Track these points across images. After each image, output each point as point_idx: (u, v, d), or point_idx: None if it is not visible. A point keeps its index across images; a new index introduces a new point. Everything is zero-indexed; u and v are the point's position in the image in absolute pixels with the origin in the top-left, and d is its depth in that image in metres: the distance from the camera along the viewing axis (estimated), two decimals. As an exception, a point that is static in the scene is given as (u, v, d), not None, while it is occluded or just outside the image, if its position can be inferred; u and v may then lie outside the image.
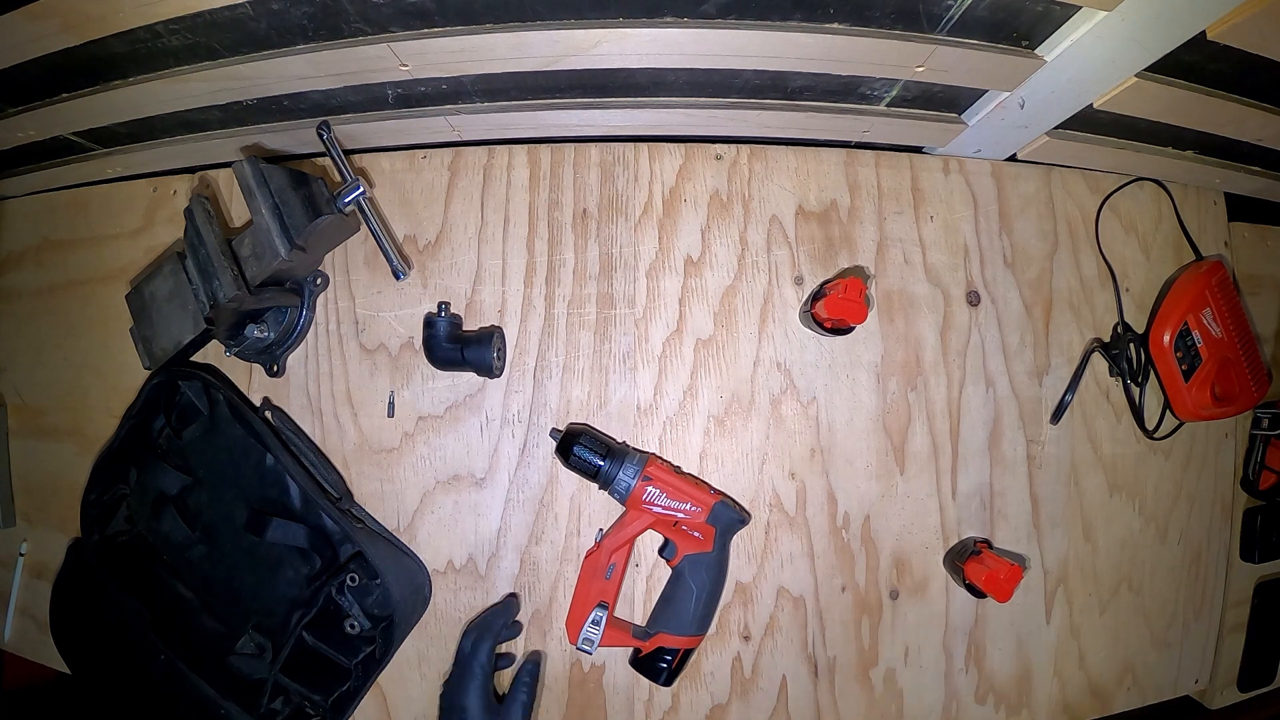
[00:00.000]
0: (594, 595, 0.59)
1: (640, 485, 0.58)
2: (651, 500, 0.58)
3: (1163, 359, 0.67)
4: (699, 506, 0.59)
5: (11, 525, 0.72)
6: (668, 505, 0.58)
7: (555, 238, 0.64)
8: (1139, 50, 0.50)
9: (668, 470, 0.60)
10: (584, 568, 0.61)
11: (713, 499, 0.59)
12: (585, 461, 0.58)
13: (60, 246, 0.72)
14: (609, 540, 0.60)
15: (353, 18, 0.49)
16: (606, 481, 0.58)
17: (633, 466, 0.58)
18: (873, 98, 0.61)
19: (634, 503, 0.59)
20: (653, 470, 0.59)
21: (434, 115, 0.61)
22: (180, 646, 0.59)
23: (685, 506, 0.59)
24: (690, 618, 0.59)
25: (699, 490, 0.60)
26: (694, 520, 0.59)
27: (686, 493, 0.59)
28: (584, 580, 0.60)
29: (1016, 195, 0.69)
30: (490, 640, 0.58)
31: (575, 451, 0.58)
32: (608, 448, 0.59)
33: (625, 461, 0.58)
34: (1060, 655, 0.67)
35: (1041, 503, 0.67)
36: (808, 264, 0.65)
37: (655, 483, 0.58)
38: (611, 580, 0.59)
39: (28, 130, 0.62)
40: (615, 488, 0.58)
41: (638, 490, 0.58)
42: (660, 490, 0.58)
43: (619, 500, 0.59)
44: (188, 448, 0.61)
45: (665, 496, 0.58)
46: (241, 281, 0.55)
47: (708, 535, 0.59)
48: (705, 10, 0.49)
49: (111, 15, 0.47)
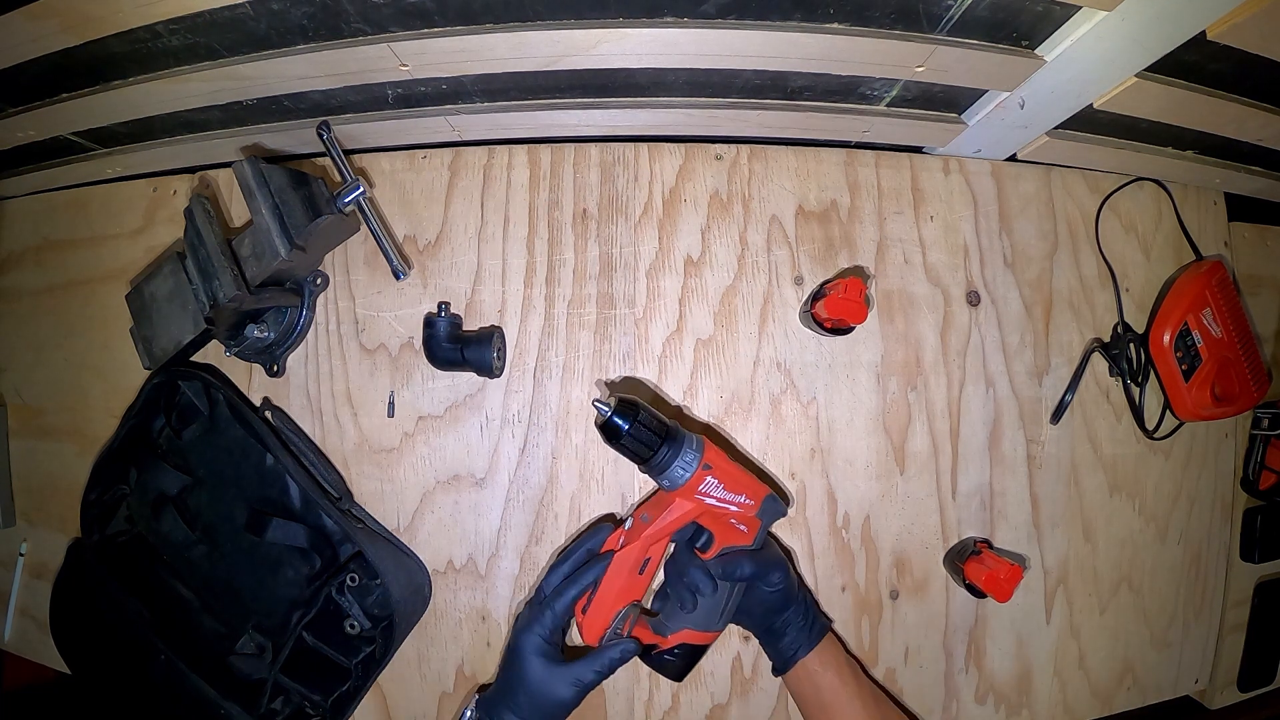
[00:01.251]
0: (624, 593, 0.52)
1: (699, 474, 0.50)
2: (708, 491, 0.51)
3: (1163, 359, 0.67)
4: (753, 500, 0.53)
5: (11, 525, 0.72)
6: (723, 497, 0.51)
7: (555, 238, 0.64)
8: (1139, 50, 0.50)
9: (725, 456, 0.52)
10: (615, 561, 0.53)
11: (764, 490, 0.53)
12: (641, 443, 0.49)
13: (60, 246, 0.72)
14: (651, 531, 0.52)
15: (353, 18, 0.49)
16: (660, 468, 0.50)
17: (692, 452, 0.50)
18: (873, 98, 0.61)
19: (687, 492, 0.51)
20: (713, 457, 0.51)
21: (434, 115, 0.61)
22: (180, 646, 0.59)
23: (740, 499, 0.52)
24: (719, 613, 0.54)
25: (753, 481, 0.53)
26: (744, 514, 0.53)
27: (743, 484, 0.52)
28: (614, 575, 0.52)
29: (1016, 195, 0.69)
30: (576, 590, 0.53)
31: (629, 431, 0.49)
32: (665, 427, 0.50)
33: (684, 445, 0.50)
34: (1060, 655, 0.67)
35: (1041, 503, 0.67)
36: (808, 264, 0.65)
37: (715, 472, 0.51)
38: (645, 575, 0.53)
39: (28, 130, 0.62)
40: (669, 474, 0.50)
41: (695, 480, 0.50)
42: (719, 481, 0.51)
43: (666, 488, 0.51)
44: (188, 448, 0.61)
45: (723, 488, 0.51)
46: (241, 281, 0.55)
47: (752, 528, 0.54)
48: (705, 10, 0.49)
49: (111, 15, 0.47)
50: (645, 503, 0.56)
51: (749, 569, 0.54)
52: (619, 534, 0.54)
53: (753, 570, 0.54)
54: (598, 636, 0.53)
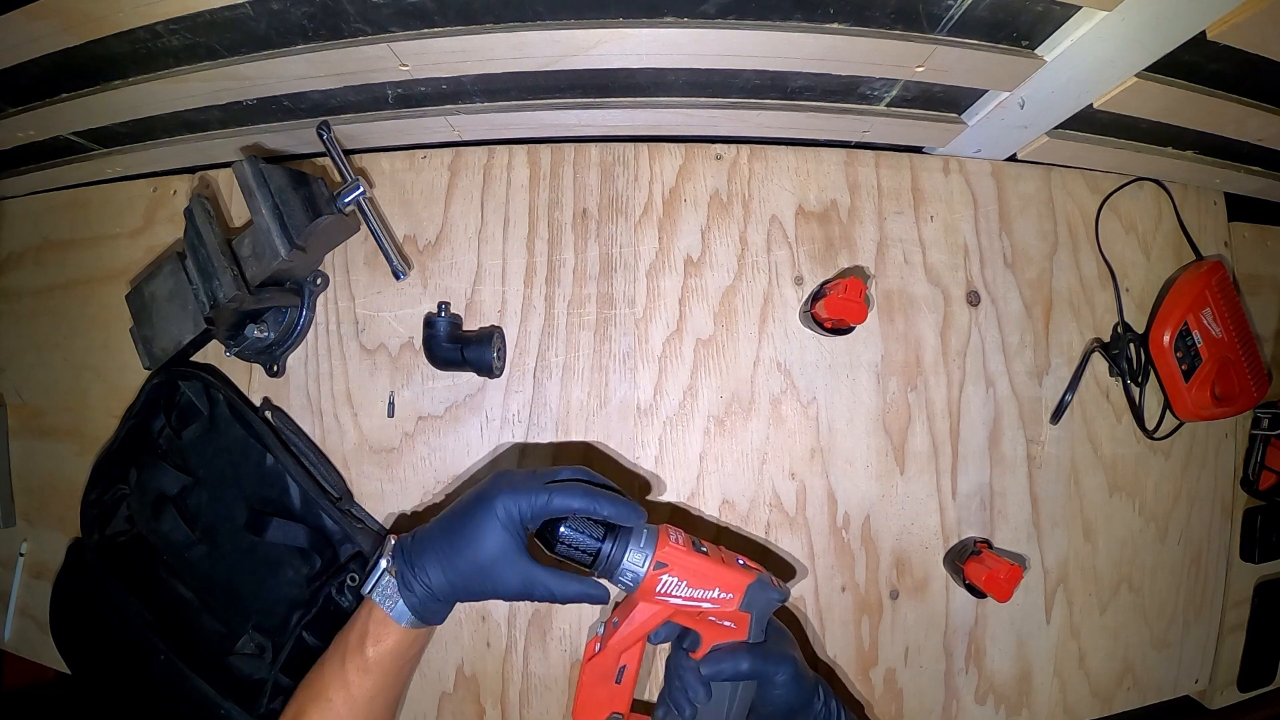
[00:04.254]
0: (603, 703, 0.48)
1: (652, 575, 0.45)
2: (669, 591, 0.45)
3: (1163, 359, 0.67)
4: (730, 592, 0.46)
5: (11, 525, 0.72)
6: (690, 596, 0.45)
7: (555, 238, 0.64)
8: (1139, 50, 0.50)
9: (686, 549, 0.46)
10: (585, 670, 0.48)
11: (745, 579, 0.46)
12: (576, 548, 0.45)
13: (60, 246, 0.72)
14: (616, 640, 0.47)
15: (353, 18, 0.49)
16: (607, 571, 0.45)
17: (640, 551, 0.45)
18: (873, 98, 0.61)
19: (645, 594, 0.45)
20: (668, 553, 0.45)
21: (434, 115, 0.61)
22: (180, 646, 0.59)
23: (712, 594, 0.46)
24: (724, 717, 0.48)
25: (728, 570, 0.46)
26: (724, 610, 0.46)
27: (712, 577, 0.46)
28: (587, 684, 0.48)
29: (1016, 195, 0.69)
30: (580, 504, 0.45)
31: (562, 534, 0.45)
32: (604, 526, 0.45)
33: (630, 542, 0.45)
34: (1060, 655, 0.67)
35: (1041, 503, 0.67)
36: (808, 264, 0.65)
37: (672, 569, 0.45)
38: (623, 685, 0.48)
39: (28, 130, 0.62)
40: (619, 578, 0.45)
41: (649, 581, 0.45)
42: (679, 578, 0.45)
43: (624, 591, 0.47)
44: (188, 448, 0.61)
45: (686, 585, 0.45)
46: (241, 281, 0.55)
47: (741, 623, 0.47)
48: (705, 10, 0.49)
49: (111, 15, 0.47)
50: (619, 605, 0.50)
51: (745, 666, 0.47)
52: (594, 642, 0.49)
53: (750, 667, 0.47)
54: None
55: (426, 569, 0.45)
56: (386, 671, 0.46)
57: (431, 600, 0.45)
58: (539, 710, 0.62)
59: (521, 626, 0.62)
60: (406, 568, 0.45)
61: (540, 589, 0.45)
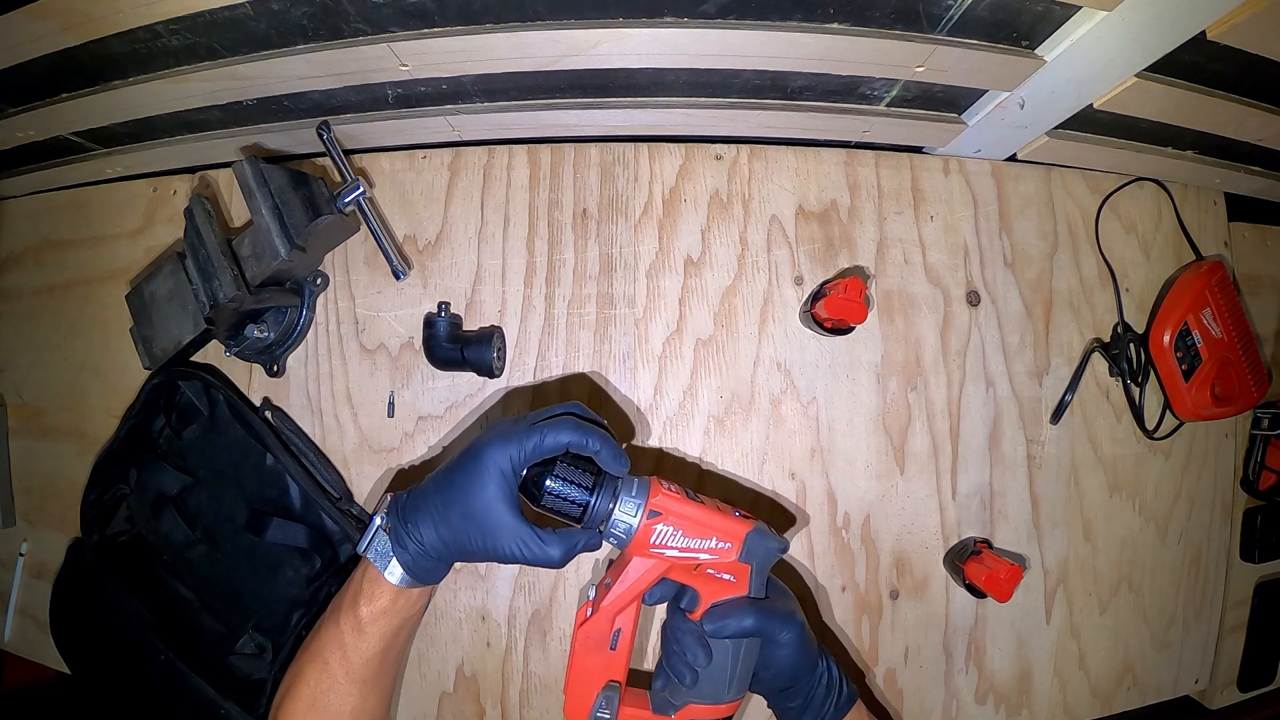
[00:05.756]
0: (598, 672, 0.45)
1: (646, 525, 0.42)
2: (664, 542, 0.43)
3: (1163, 359, 0.67)
4: (727, 541, 0.43)
5: (11, 525, 0.72)
6: (686, 547, 0.43)
7: (555, 238, 0.64)
8: (1139, 50, 0.50)
9: (679, 496, 0.44)
10: (577, 638, 0.45)
11: (743, 527, 0.44)
12: (563, 497, 0.42)
13: (60, 246, 0.72)
14: (611, 600, 0.44)
15: (353, 18, 0.49)
16: (595, 522, 0.43)
17: (632, 500, 0.43)
18: (873, 98, 0.61)
19: (639, 547, 0.43)
20: (661, 500, 0.43)
21: (434, 115, 0.61)
22: (180, 646, 0.59)
23: (709, 544, 0.43)
24: (728, 681, 0.45)
25: (724, 519, 0.44)
26: (723, 561, 0.44)
27: (709, 525, 0.43)
28: (579, 653, 0.45)
29: (1016, 195, 0.69)
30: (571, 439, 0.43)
31: (548, 486, 0.42)
32: (593, 474, 0.43)
33: (620, 492, 0.43)
34: (1060, 655, 0.67)
35: (1041, 503, 0.67)
36: (808, 264, 0.65)
37: (667, 518, 0.43)
38: (619, 651, 0.45)
39: (28, 130, 0.62)
40: (611, 531, 0.43)
41: (643, 532, 0.43)
42: (674, 528, 0.43)
43: (616, 546, 0.44)
44: (188, 448, 0.61)
45: (682, 535, 0.43)
46: (241, 281, 0.55)
47: (741, 575, 0.45)
48: (705, 10, 0.49)
49: (111, 15, 0.47)
50: (611, 566, 0.47)
51: (748, 621, 0.44)
52: (585, 606, 0.46)
53: (754, 624, 0.45)
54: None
55: (419, 525, 0.43)
56: (382, 633, 0.45)
57: (424, 558, 0.43)
58: (539, 710, 0.62)
59: (521, 626, 0.62)
60: (400, 524, 0.44)
61: (533, 545, 0.42)
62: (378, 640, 0.45)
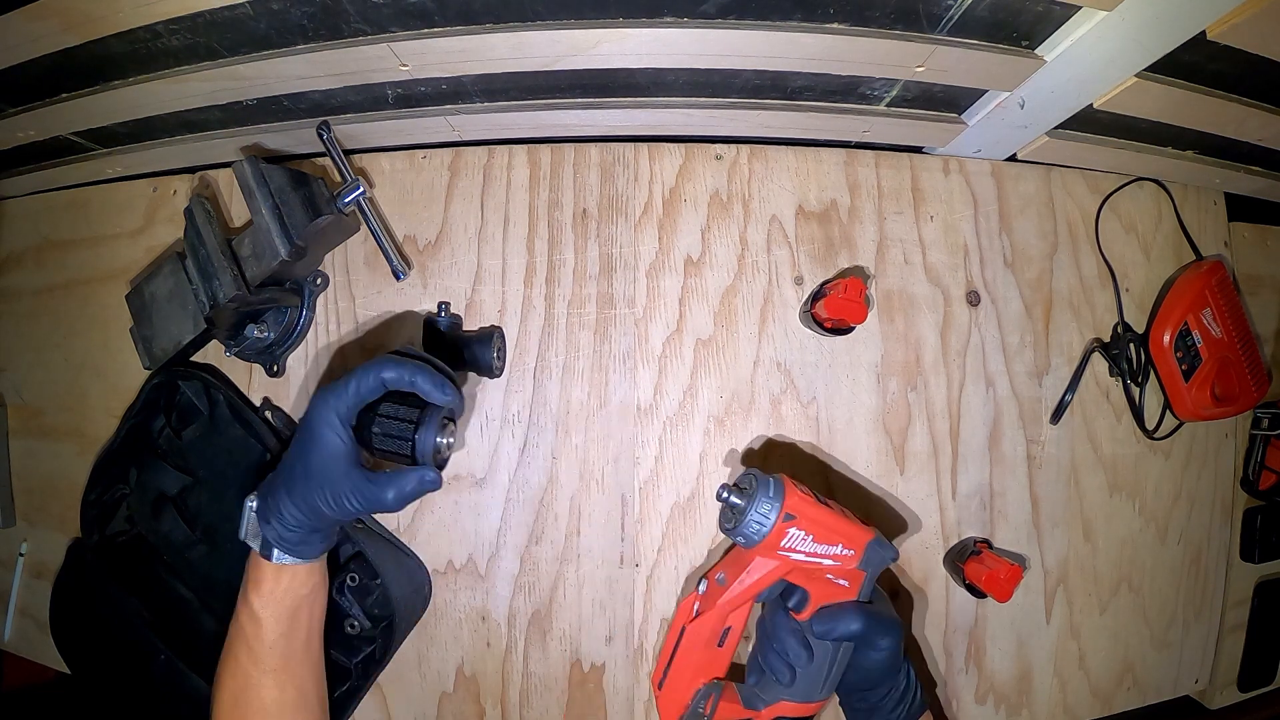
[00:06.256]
0: (701, 667, 0.46)
1: (780, 527, 0.43)
2: (793, 546, 0.43)
3: (1163, 359, 0.67)
4: (852, 549, 0.44)
5: (11, 525, 0.72)
6: (813, 551, 0.43)
7: (555, 238, 0.64)
8: (1139, 50, 0.50)
9: (811, 500, 0.44)
10: (688, 633, 0.46)
11: (866, 535, 0.45)
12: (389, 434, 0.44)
13: (60, 246, 0.72)
14: (728, 598, 0.45)
15: (353, 18, 0.49)
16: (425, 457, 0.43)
17: (769, 501, 0.43)
18: (873, 98, 0.61)
19: (767, 549, 0.43)
20: (796, 503, 0.43)
21: (434, 115, 0.61)
22: (180, 646, 0.59)
23: (835, 550, 0.44)
24: (822, 681, 0.46)
25: (851, 525, 0.45)
26: (843, 568, 0.44)
27: (838, 532, 0.44)
28: (687, 647, 0.46)
29: (1016, 195, 0.69)
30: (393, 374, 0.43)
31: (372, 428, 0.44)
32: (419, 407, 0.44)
33: (757, 493, 0.43)
34: (1060, 655, 0.67)
35: (1041, 503, 0.67)
36: (808, 264, 0.65)
37: (800, 522, 0.43)
38: (725, 648, 0.46)
39: (28, 130, 0.62)
40: (742, 530, 0.43)
41: (776, 533, 0.43)
42: (806, 532, 0.43)
43: (744, 545, 0.44)
44: (188, 448, 0.61)
45: (811, 540, 0.43)
46: (241, 281, 0.55)
47: (855, 581, 0.45)
48: (705, 10, 0.49)
49: (111, 15, 0.47)
50: (722, 560, 0.48)
51: (856, 626, 0.45)
52: (692, 599, 0.46)
53: (861, 628, 0.45)
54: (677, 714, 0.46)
55: (278, 500, 0.44)
56: (277, 616, 0.45)
57: (289, 530, 0.44)
58: (539, 710, 0.62)
59: (521, 626, 0.62)
60: (264, 503, 0.45)
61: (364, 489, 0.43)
62: (274, 624, 0.45)
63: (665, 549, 0.62)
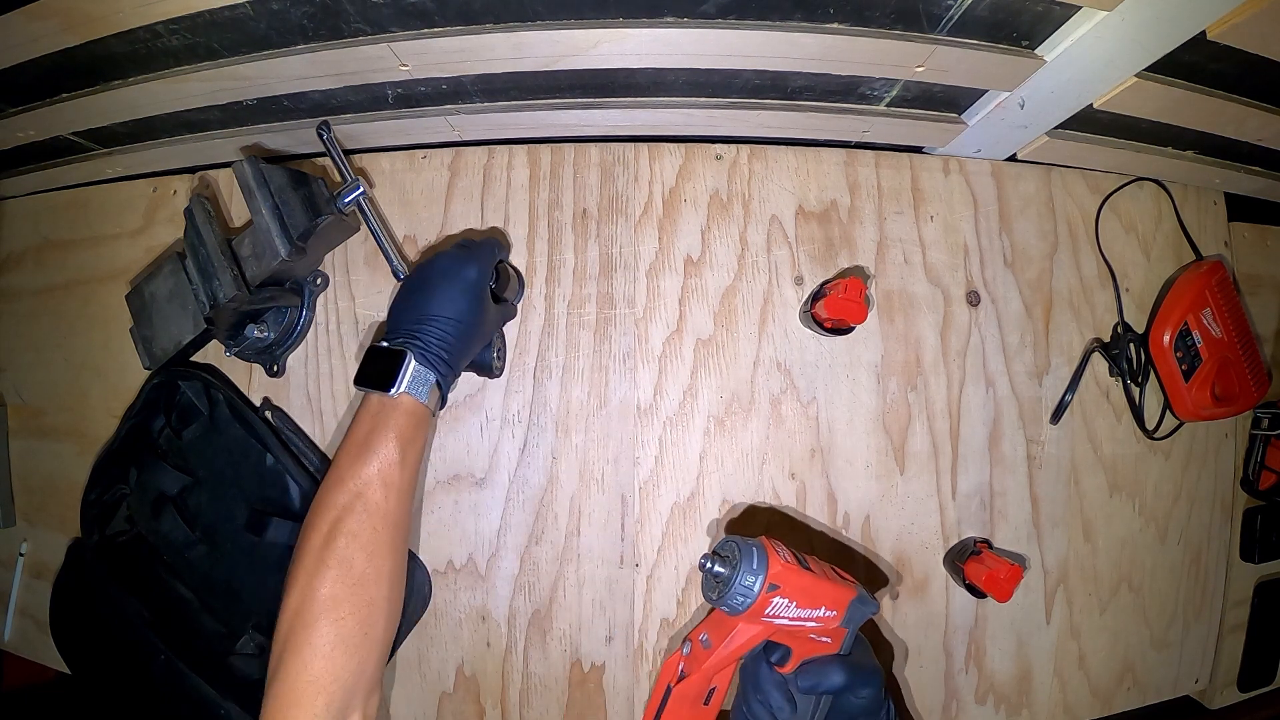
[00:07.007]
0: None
1: (764, 597, 0.43)
2: (777, 613, 0.44)
3: (1163, 359, 0.67)
4: (834, 610, 0.45)
5: (11, 525, 0.72)
6: (797, 616, 0.44)
7: (555, 238, 0.64)
8: (1139, 50, 0.50)
9: (794, 566, 0.44)
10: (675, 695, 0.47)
11: (847, 595, 0.46)
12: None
13: (60, 246, 0.72)
14: (712, 662, 0.46)
15: (353, 18, 0.49)
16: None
17: (753, 574, 0.43)
18: (873, 98, 0.61)
19: (752, 616, 0.44)
20: (780, 573, 0.43)
21: (434, 115, 0.61)
22: (180, 646, 0.59)
23: (818, 613, 0.45)
24: None
25: (833, 587, 0.45)
26: (825, 627, 0.45)
27: (820, 595, 0.45)
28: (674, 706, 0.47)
29: (1016, 195, 0.69)
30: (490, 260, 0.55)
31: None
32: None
33: (740, 566, 0.44)
34: (1060, 655, 0.67)
35: (1041, 503, 0.67)
36: (808, 264, 0.65)
37: (784, 591, 0.43)
38: (711, 706, 0.47)
39: (28, 130, 0.62)
40: (728, 601, 0.43)
41: (760, 603, 0.43)
42: (789, 599, 0.44)
43: (729, 614, 0.45)
44: (188, 448, 0.61)
45: (795, 606, 0.44)
46: (241, 281, 0.55)
47: (837, 638, 0.47)
48: (705, 10, 0.49)
49: (111, 15, 0.47)
50: (705, 621, 0.49)
51: (839, 679, 0.46)
52: (677, 659, 0.47)
53: (844, 681, 0.46)
54: None
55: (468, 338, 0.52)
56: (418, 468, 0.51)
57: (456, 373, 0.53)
58: (539, 710, 0.62)
59: (521, 626, 0.62)
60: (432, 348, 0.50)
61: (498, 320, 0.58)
62: (411, 480, 0.49)
63: (665, 549, 0.62)
